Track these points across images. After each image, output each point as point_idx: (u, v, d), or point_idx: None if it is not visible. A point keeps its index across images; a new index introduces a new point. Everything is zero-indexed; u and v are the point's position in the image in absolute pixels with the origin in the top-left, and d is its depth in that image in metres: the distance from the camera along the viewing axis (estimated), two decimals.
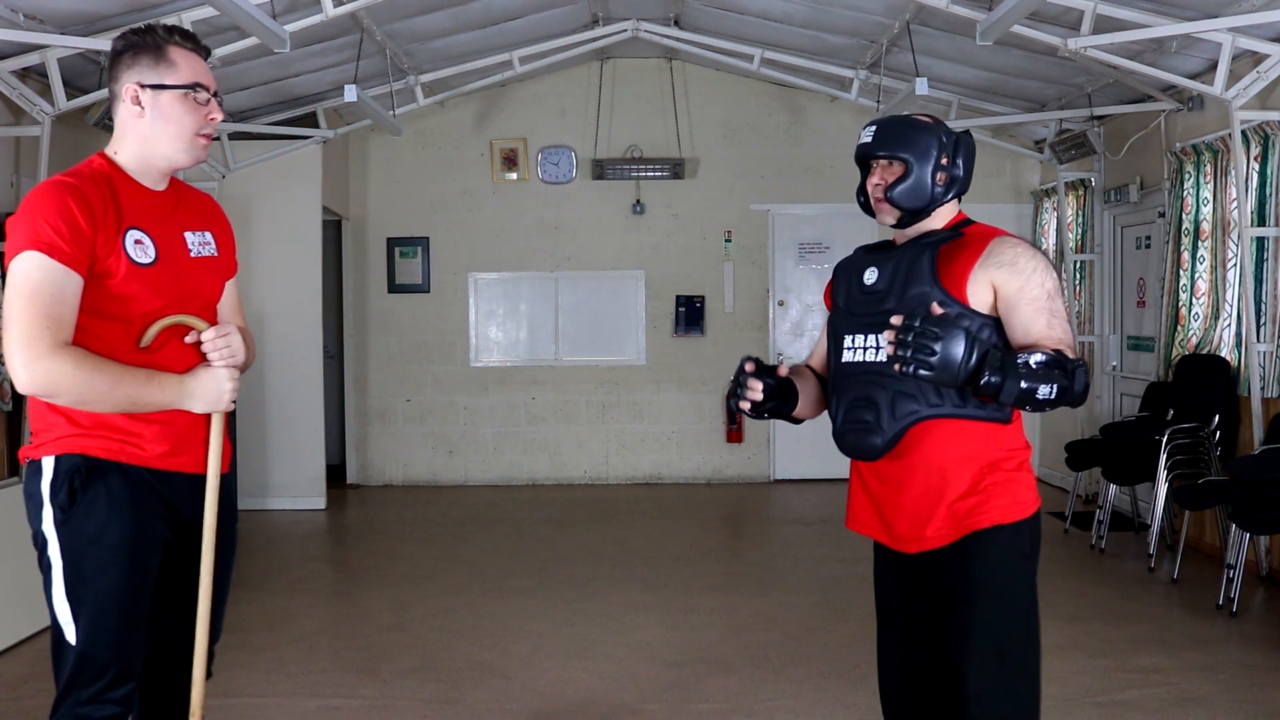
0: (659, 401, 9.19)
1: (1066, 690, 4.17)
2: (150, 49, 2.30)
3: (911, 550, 2.44)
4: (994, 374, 2.13)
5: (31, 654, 4.63)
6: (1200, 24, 5.38)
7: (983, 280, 2.33)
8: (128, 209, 2.29)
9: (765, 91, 8.94)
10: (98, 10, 5.40)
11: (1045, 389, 2.15)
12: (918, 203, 2.42)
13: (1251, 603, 5.36)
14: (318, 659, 4.63)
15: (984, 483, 2.36)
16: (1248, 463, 5.15)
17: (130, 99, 2.30)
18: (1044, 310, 2.31)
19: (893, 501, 2.43)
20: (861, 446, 2.41)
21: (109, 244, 2.23)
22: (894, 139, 2.42)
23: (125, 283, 2.25)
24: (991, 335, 2.33)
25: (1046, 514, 7.62)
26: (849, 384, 2.44)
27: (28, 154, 5.86)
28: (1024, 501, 2.40)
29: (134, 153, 2.34)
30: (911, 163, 2.40)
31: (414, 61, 7.72)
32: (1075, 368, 2.21)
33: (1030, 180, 9.05)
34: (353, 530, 7.64)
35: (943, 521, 2.37)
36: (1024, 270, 2.33)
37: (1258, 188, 5.81)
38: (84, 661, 2.28)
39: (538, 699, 4.15)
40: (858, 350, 2.43)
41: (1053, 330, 2.30)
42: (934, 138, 2.42)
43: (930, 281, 2.34)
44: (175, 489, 2.38)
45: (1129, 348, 7.79)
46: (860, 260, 2.52)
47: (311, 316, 8.04)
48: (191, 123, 2.32)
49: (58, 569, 2.30)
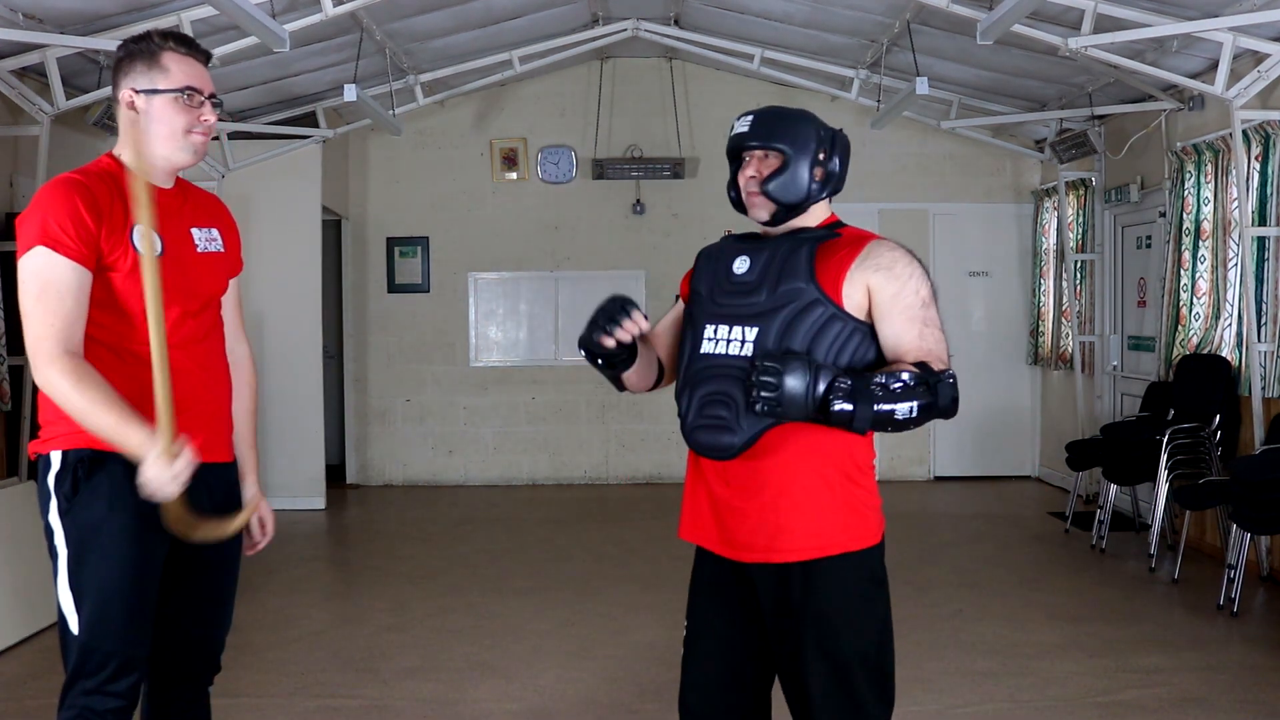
0: (659, 401, 9.16)
1: (1066, 690, 4.17)
2: (144, 55, 2.37)
3: (750, 559, 2.30)
4: (844, 401, 2.06)
5: (31, 654, 4.62)
6: (1201, 23, 5.38)
7: (859, 282, 2.24)
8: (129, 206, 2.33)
9: (765, 91, 8.92)
10: (97, 10, 5.40)
11: (904, 409, 2.09)
12: (794, 196, 2.31)
13: (1252, 603, 5.35)
14: (318, 659, 4.63)
15: (835, 502, 2.27)
16: (1248, 463, 5.15)
17: (126, 104, 2.38)
18: (917, 319, 2.24)
19: (739, 507, 2.29)
20: (716, 445, 2.27)
21: (115, 238, 2.29)
22: (771, 130, 2.31)
23: (129, 276, 2.30)
24: (862, 341, 2.25)
25: (1047, 514, 7.66)
26: (705, 377, 2.29)
27: (27, 154, 5.86)
28: (872, 526, 2.31)
29: (134, 154, 2.38)
30: (789, 154, 2.30)
31: (414, 61, 7.72)
32: (938, 382, 2.13)
33: (1031, 180, 9.05)
34: (353, 530, 7.63)
35: (791, 534, 2.26)
36: (900, 276, 2.25)
37: (1258, 187, 5.80)
38: (87, 652, 2.29)
39: (538, 699, 4.15)
40: (719, 342, 2.29)
41: (924, 341, 2.23)
42: (812, 130, 2.33)
43: (806, 277, 2.25)
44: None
45: (1130, 347, 7.78)
46: (729, 248, 2.40)
47: (311, 316, 8.03)
48: (182, 123, 2.37)
49: (62, 558, 2.31)
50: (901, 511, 7.95)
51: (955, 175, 9.06)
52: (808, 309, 2.24)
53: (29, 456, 2.43)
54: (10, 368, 5.55)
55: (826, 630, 2.26)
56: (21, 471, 5.48)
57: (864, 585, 2.30)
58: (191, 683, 2.54)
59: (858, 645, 2.28)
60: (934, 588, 5.69)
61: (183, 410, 2.35)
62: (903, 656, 4.46)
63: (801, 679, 2.29)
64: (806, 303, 2.24)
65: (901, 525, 7.59)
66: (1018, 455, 9.23)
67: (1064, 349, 8.42)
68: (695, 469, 2.40)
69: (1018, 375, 9.18)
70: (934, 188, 9.09)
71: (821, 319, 2.23)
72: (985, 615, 5.18)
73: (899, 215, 9.04)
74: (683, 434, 2.37)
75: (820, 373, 2.07)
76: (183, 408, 2.35)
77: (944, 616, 5.16)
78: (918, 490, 8.74)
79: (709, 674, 2.40)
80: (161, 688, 2.51)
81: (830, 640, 2.26)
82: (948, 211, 9.11)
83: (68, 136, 6.15)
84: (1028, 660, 4.51)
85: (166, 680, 2.50)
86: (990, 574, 6.02)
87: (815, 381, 2.06)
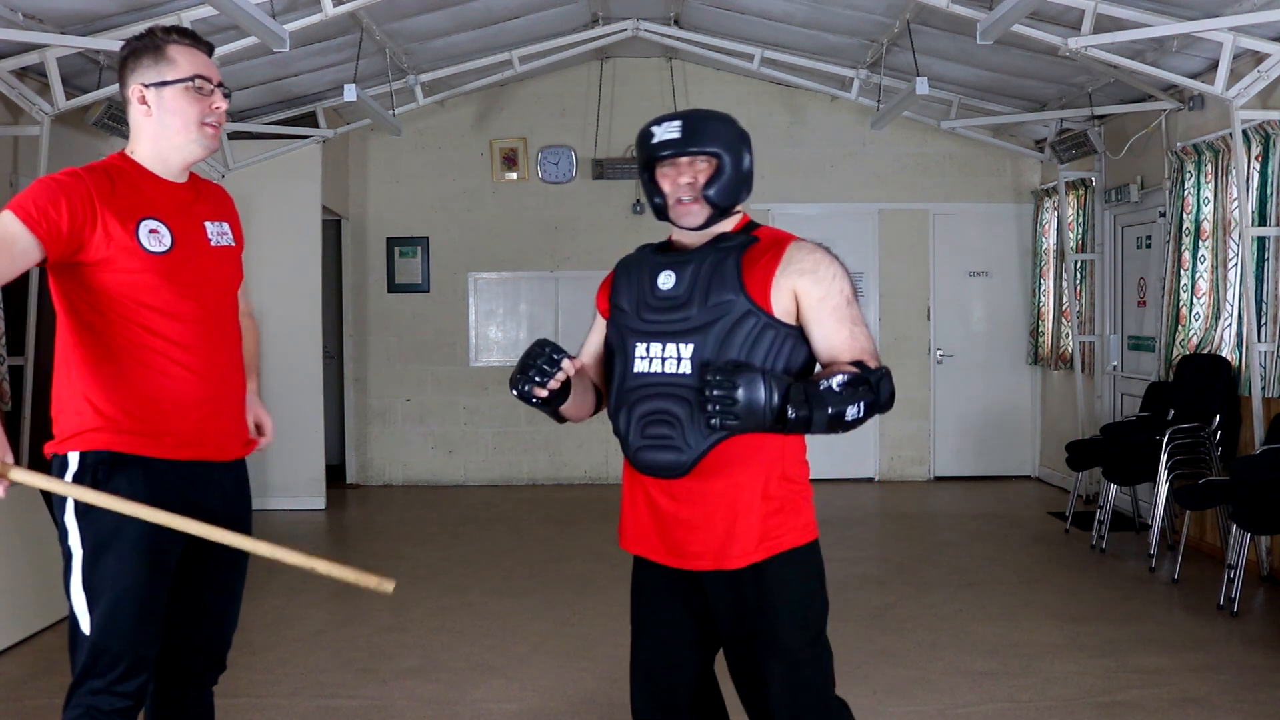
0: None
1: (1066, 690, 4.17)
2: (149, 50, 2.37)
3: (700, 568, 2.33)
4: (800, 408, 2.08)
5: (31, 654, 4.62)
6: (1201, 23, 5.38)
7: (785, 287, 2.25)
8: (143, 200, 2.35)
9: (765, 91, 8.93)
10: (97, 10, 5.40)
11: (853, 409, 2.11)
12: (731, 199, 2.31)
13: (1252, 603, 5.35)
14: (318, 659, 4.63)
15: (778, 501, 2.31)
16: (1248, 463, 5.15)
17: (137, 100, 2.37)
18: (846, 319, 2.25)
19: (684, 519, 2.31)
20: (663, 464, 2.27)
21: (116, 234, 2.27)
22: (704, 134, 2.28)
23: (140, 271, 2.30)
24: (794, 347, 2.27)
25: (1047, 514, 7.66)
26: (641, 396, 2.29)
27: (27, 153, 5.85)
28: (810, 520, 2.38)
29: (149, 150, 2.40)
30: (724, 158, 2.28)
31: (414, 61, 7.72)
32: (879, 379, 2.17)
33: (1031, 180, 9.05)
34: (353, 530, 7.63)
35: (743, 539, 2.29)
36: (825, 278, 2.26)
37: (1258, 187, 5.80)
38: (98, 651, 2.29)
39: (538, 699, 4.15)
40: (654, 360, 2.28)
41: (855, 340, 2.25)
42: (735, 132, 2.32)
43: (735, 288, 2.24)
44: (195, 479, 2.40)
45: (1130, 347, 7.78)
46: (650, 261, 2.38)
47: (311, 316, 8.03)
48: (195, 113, 2.38)
49: (76, 558, 2.31)
50: (901, 511, 7.95)
51: (955, 175, 9.06)
52: (741, 320, 2.24)
53: (45, 456, 2.37)
54: (10, 368, 5.55)
55: (779, 624, 2.32)
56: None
57: (809, 580, 2.38)
58: (196, 681, 2.54)
59: (806, 635, 2.36)
60: (934, 588, 5.69)
61: (197, 406, 2.38)
62: (903, 656, 4.51)
63: (757, 667, 2.35)
64: (739, 314, 2.24)
65: (901, 525, 7.60)
66: (1018, 455, 9.23)
67: (1064, 349, 8.42)
68: (632, 481, 2.41)
69: (1018, 375, 9.18)
70: (934, 188, 9.09)
71: (755, 329, 2.24)
72: (985, 615, 5.18)
73: (899, 215, 9.05)
74: (625, 454, 2.38)
75: (775, 383, 2.08)
76: (197, 403, 2.38)
77: (944, 616, 5.16)
78: (918, 490, 8.74)
79: (648, 664, 2.47)
80: (167, 686, 2.51)
81: (784, 632, 2.33)
82: (948, 211, 9.10)
83: (68, 136, 6.14)
84: (1028, 660, 4.51)
85: (172, 679, 2.51)
86: (990, 574, 6.02)
87: (771, 392, 2.07)
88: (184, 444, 2.37)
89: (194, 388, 2.38)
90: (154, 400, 2.33)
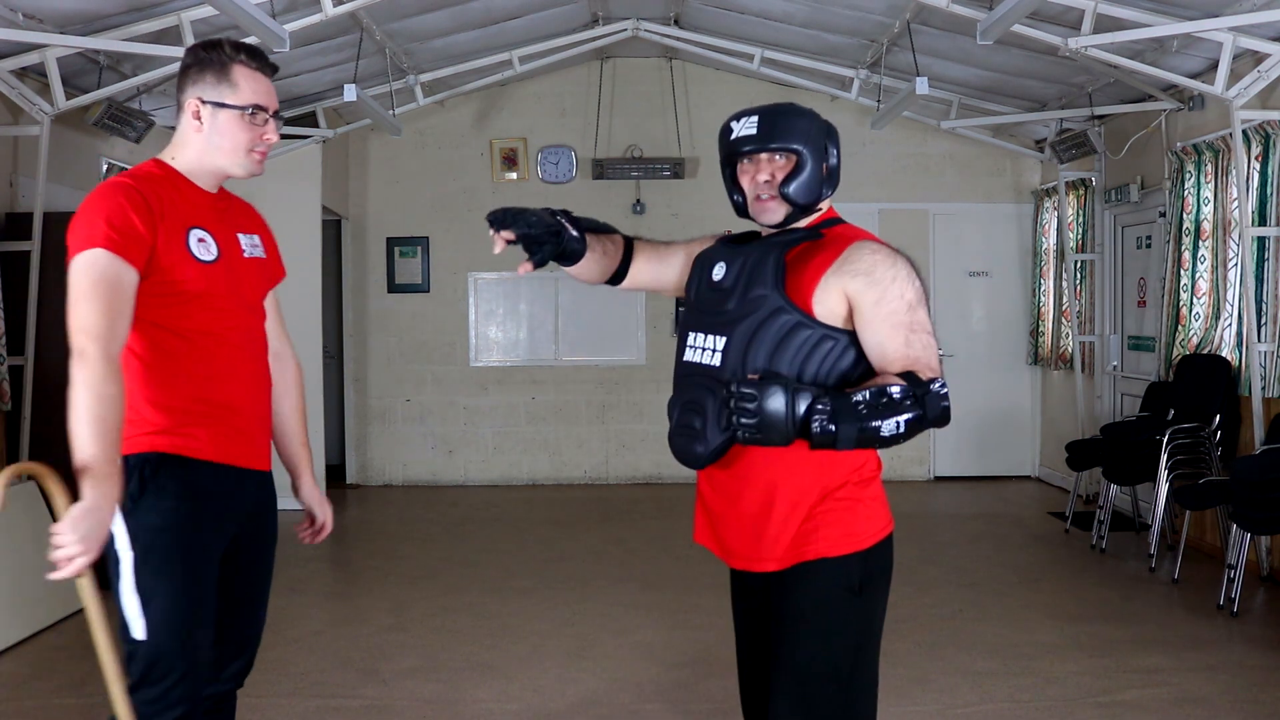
0: (659, 401, 9.15)
1: (1066, 690, 4.17)
2: (214, 66, 2.35)
3: (740, 567, 2.29)
4: (826, 422, 1.97)
5: (32, 654, 4.62)
6: (1201, 23, 5.38)
7: (834, 289, 2.14)
8: (190, 208, 2.34)
9: (765, 91, 8.91)
10: (97, 10, 5.40)
11: (890, 425, 2.00)
12: (812, 197, 2.23)
13: (1252, 603, 5.35)
14: (318, 659, 4.63)
15: (818, 509, 2.19)
16: (1248, 463, 5.14)
17: (191, 113, 2.35)
18: (903, 325, 2.12)
19: (724, 515, 2.27)
20: (686, 453, 2.23)
21: (171, 243, 2.26)
22: (784, 129, 2.21)
23: (193, 281, 2.29)
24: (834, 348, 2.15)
25: (1047, 514, 7.64)
26: (685, 385, 2.26)
27: (27, 154, 5.85)
28: (858, 533, 2.21)
29: (192, 160, 2.39)
30: (804, 154, 2.21)
31: (414, 61, 7.72)
32: (925, 393, 2.03)
33: (1031, 180, 9.05)
34: (353, 530, 7.63)
35: (772, 544, 2.21)
36: (881, 281, 2.13)
37: (1258, 187, 5.80)
38: (154, 657, 2.24)
39: (538, 699, 4.15)
40: (698, 350, 2.24)
41: (910, 349, 2.12)
42: (818, 126, 2.25)
43: (772, 285, 2.16)
44: (237, 483, 2.40)
45: (1130, 347, 7.78)
46: (716, 252, 2.33)
47: (311, 316, 8.03)
48: (246, 140, 2.37)
49: (126, 561, 2.24)
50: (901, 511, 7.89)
51: (955, 175, 9.06)
52: (772, 316, 2.15)
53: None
54: (10, 368, 5.55)
55: (793, 639, 2.19)
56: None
57: (839, 594, 2.19)
58: (227, 682, 2.51)
59: (826, 657, 2.18)
60: (934, 588, 5.69)
61: (239, 412, 2.38)
62: (903, 656, 4.50)
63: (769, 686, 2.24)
64: (770, 310, 2.15)
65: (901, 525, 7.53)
66: (1018, 455, 9.23)
67: (1064, 349, 8.42)
68: (700, 474, 2.37)
69: (1018, 375, 9.18)
70: (934, 188, 9.09)
71: (786, 327, 2.14)
72: (985, 615, 5.18)
73: (899, 215, 9.05)
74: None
75: (799, 395, 1.98)
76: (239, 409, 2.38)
77: (944, 616, 5.16)
78: (918, 490, 8.74)
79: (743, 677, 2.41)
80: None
81: (795, 649, 2.18)
82: (948, 211, 9.10)
83: (68, 136, 6.14)
84: (1028, 660, 4.51)
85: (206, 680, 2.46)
86: (990, 574, 6.02)
87: (794, 403, 1.97)
88: (227, 449, 2.36)
89: (236, 395, 2.38)
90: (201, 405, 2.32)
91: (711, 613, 5.24)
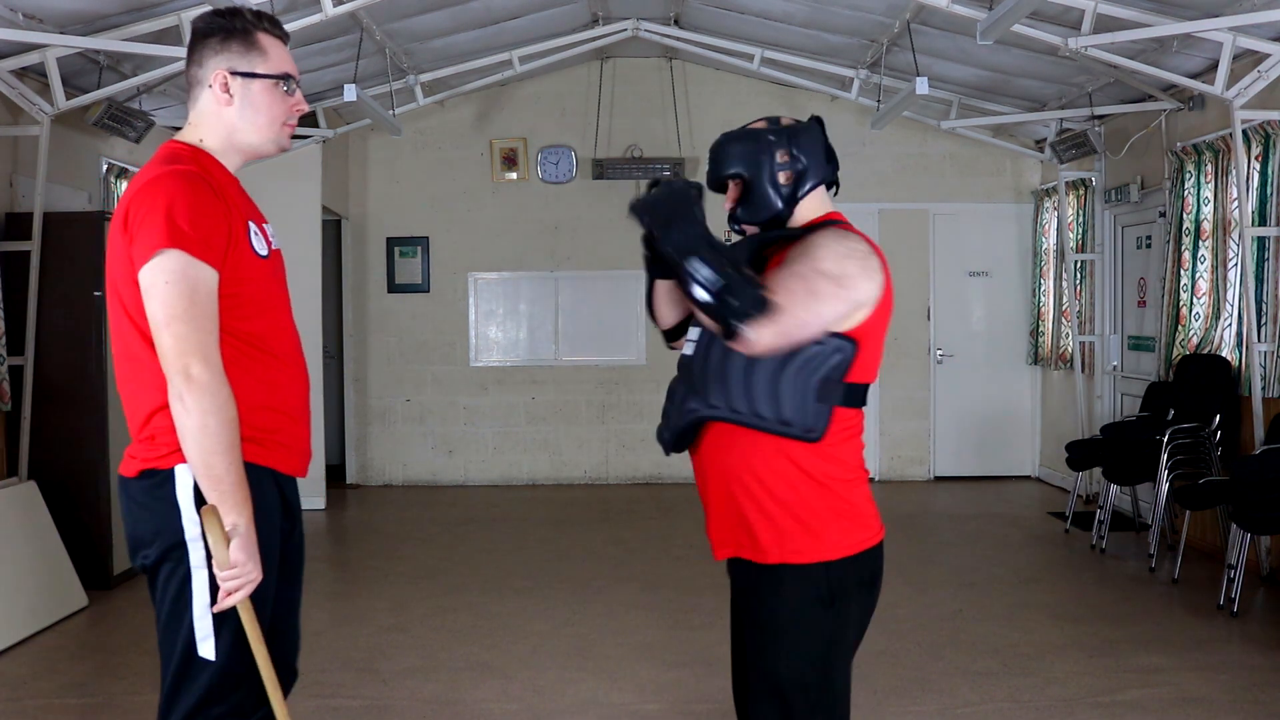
0: (659, 401, 9.09)
1: (1066, 690, 4.17)
2: (240, 34, 2.19)
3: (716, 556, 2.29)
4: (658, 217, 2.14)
5: (32, 654, 4.62)
6: (1201, 23, 5.38)
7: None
8: (243, 201, 2.21)
9: (765, 91, 8.92)
10: (97, 10, 5.40)
11: (705, 269, 1.99)
12: (764, 214, 2.27)
13: (1252, 603, 5.35)
14: (318, 659, 4.62)
15: (785, 509, 2.14)
16: (1249, 463, 5.15)
17: (220, 85, 2.18)
18: (793, 275, 2.06)
19: (703, 501, 2.30)
20: (659, 438, 2.32)
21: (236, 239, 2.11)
22: (722, 160, 2.29)
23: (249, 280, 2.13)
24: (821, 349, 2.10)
25: (1047, 514, 7.64)
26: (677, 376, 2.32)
27: (27, 154, 5.85)
28: (830, 542, 2.15)
29: (222, 140, 2.21)
30: (746, 177, 2.27)
31: (414, 61, 7.72)
32: (744, 284, 1.99)
33: (1031, 180, 9.05)
34: (353, 530, 7.63)
35: (733, 532, 2.20)
36: (810, 247, 2.12)
37: (1258, 187, 5.81)
38: (225, 676, 2.12)
39: (538, 699, 4.15)
40: (688, 344, 2.29)
41: (778, 280, 2.05)
42: (759, 143, 2.26)
43: None
44: (294, 492, 2.35)
45: (1130, 347, 7.78)
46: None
47: (311, 316, 8.02)
48: (280, 112, 2.22)
49: (200, 580, 2.09)
50: (901, 511, 7.94)
51: (955, 175, 9.06)
52: None
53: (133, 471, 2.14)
54: (10, 368, 5.55)
55: (759, 647, 2.19)
56: (21, 471, 5.47)
57: (806, 604, 2.15)
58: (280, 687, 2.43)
59: (795, 666, 2.15)
60: (934, 588, 5.69)
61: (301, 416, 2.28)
62: (903, 656, 4.50)
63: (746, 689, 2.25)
64: None
65: (901, 525, 7.59)
66: (1018, 455, 9.23)
67: (1064, 349, 8.42)
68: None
69: (1018, 375, 9.18)
70: (934, 188, 9.09)
71: None
72: (985, 615, 5.18)
73: (899, 215, 9.05)
74: None
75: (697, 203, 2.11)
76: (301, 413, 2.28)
77: (944, 616, 5.16)
78: (918, 490, 8.74)
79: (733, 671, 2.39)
80: None
81: (762, 657, 2.18)
82: (948, 211, 9.10)
83: (68, 136, 6.15)
84: (1028, 660, 4.51)
85: None
86: (990, 574, 6.02)
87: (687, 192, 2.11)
88: (287, 458, 2.27)
89: (293, 401, 2.26)
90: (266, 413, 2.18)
91: (711, 613, 5.24)
